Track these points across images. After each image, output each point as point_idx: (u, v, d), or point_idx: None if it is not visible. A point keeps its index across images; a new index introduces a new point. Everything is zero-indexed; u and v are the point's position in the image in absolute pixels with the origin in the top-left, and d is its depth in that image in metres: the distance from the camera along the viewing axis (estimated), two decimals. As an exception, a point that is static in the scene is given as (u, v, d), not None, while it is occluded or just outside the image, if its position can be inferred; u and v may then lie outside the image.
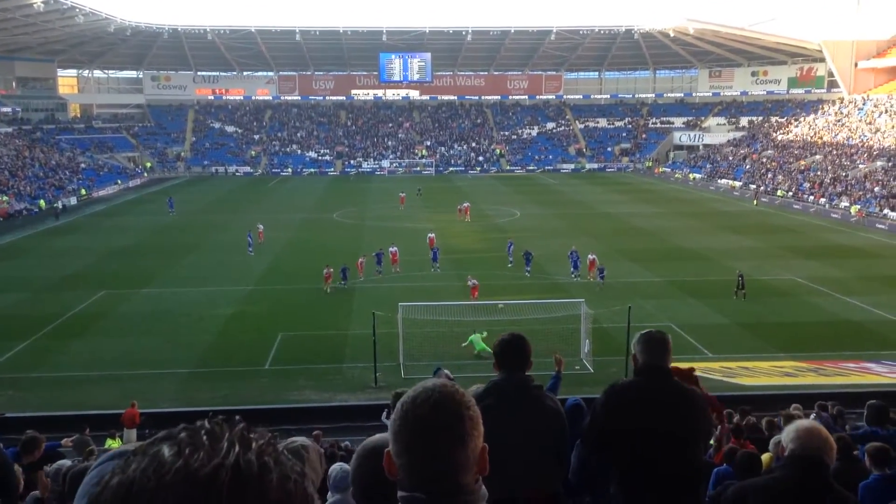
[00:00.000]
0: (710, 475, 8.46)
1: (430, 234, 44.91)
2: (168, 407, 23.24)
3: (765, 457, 8.51)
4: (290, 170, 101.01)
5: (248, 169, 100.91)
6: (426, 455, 1.74)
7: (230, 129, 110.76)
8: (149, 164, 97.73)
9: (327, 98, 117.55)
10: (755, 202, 69.94)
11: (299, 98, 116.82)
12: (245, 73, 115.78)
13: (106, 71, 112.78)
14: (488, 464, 1.82)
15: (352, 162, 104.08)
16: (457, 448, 1.74)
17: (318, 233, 53.24)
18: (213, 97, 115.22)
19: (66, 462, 6.37)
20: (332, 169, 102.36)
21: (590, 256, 38.39)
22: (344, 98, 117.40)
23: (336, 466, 4.14)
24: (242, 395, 24.21)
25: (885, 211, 58.20)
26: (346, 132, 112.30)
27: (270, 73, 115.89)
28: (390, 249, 40.55)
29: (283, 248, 47.38)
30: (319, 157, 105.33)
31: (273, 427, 21.19)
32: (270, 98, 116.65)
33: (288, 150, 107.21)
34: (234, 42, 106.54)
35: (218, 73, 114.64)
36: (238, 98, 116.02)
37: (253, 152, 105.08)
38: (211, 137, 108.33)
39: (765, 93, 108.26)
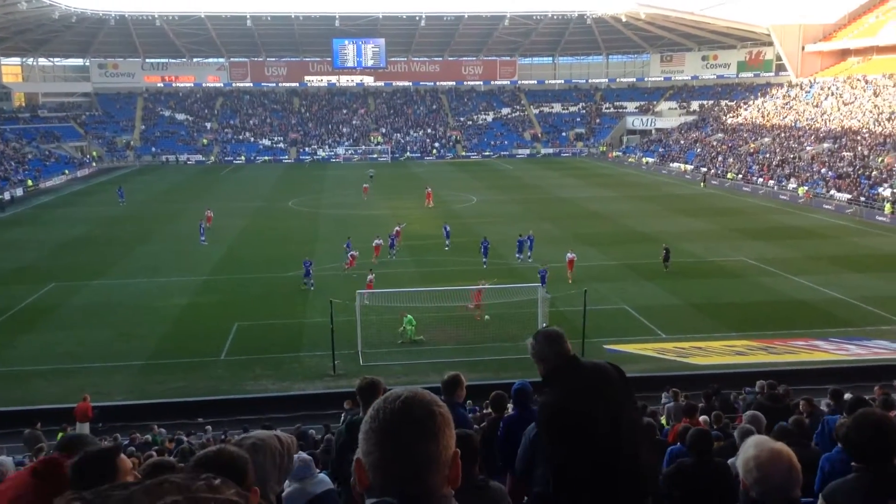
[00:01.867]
0: (665, 454, 8.63)
1: (397, 227, 43.05)
2: (122, 400, 22.94)
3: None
4: (242, 158, 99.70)
5: (199, 157, 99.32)
6: (396, 450, 1.70)
7: (181, 116, 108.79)
8: (95, 154, 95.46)
9: (280, 85, 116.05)
10: (703, 184, 71.55)
11: (251, 85, 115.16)
12: (195, 60, 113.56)
13: (51, 59, 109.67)
14: (461, 473, 1.78)
15: (306, 149, 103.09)
16: (427, 443, 1.71)
17: (274, 221, 52.70)
18: (162, 84, 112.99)
19: (7, 459, 6.18)
20: (287, 157, 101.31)
21: (569, 255, 35.45)
22: (297, 85, 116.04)
23: (295, 456, 4.12)
24: (198, 387, 23.97)
25: (832, 192, 59.65)
26: (300, 119, 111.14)
27: (221, 60, 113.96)
28: (374, 242, 39.38)
29: (238, 237, 46.82)
30: (273, 145, 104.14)
31: (230, 417, 21.13)
32: (221, 85, 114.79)
33: (241, 137, 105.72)
34: (183, 28, 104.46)
35: (167, 60, 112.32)
36: (188, 85, 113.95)
37: (205, 140, 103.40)
38: (161, 125, 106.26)
39: (715, 77, 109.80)
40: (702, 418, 12.47)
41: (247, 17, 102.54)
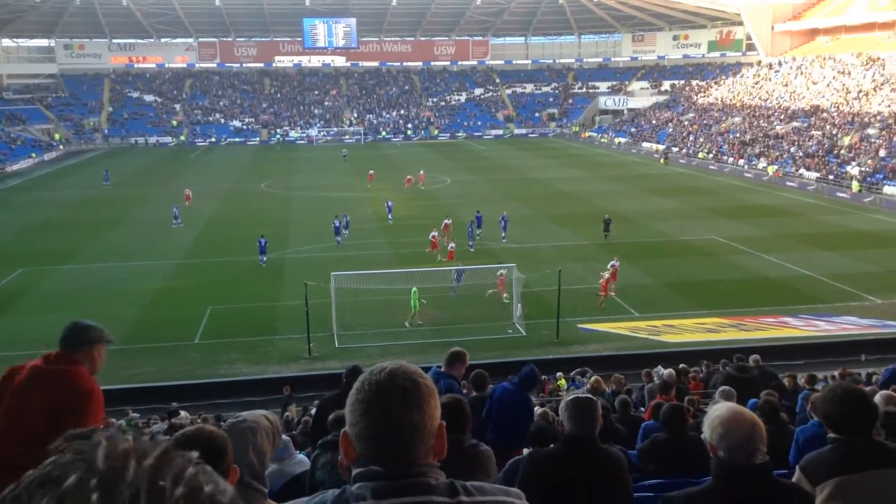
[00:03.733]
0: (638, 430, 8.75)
1: (445, 221, 39.26)
2: (95, 385, 22.69)
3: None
4: (213, 139, 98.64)
5: (168, 139, 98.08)
6: (382, 420, 1.73)
7: (149, 98, 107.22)
8: (59, 136, 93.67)
9: (249, 65, 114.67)
10: (662, 161, 73.31)
11: (220, 65, 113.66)
12: (163, 40, 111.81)
13: (16, 39, 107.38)
14: (446, 445, 1.81)
15: (277, 131, 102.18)
16: (412, 412, 1.74)
17: (246, 203, 52.27)
18: (129, 65, 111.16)
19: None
20: (258, 138, 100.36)
21: (613, 264, 30.49)
22: (267, 65, 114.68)
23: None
24: (172, 371, 23.84)
25: (801, 170, 60.38)
26: (271, 100, 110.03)
27: (189, 40, 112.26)
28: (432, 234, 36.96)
29: (210, 220, 46.41)
30: (244, 127, 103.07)
31: (205, 402, 21.03)
32: (190, 66, 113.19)
33: (210, 119, 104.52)
34: (150, 7, 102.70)
35: (134, 41, 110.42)
36: (156, 66, 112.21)
37: (174, 122, 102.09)
38: (129, 107, 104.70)
39: (686, 57, 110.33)
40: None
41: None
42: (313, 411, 13.49)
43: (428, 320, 27.69)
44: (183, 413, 16.82)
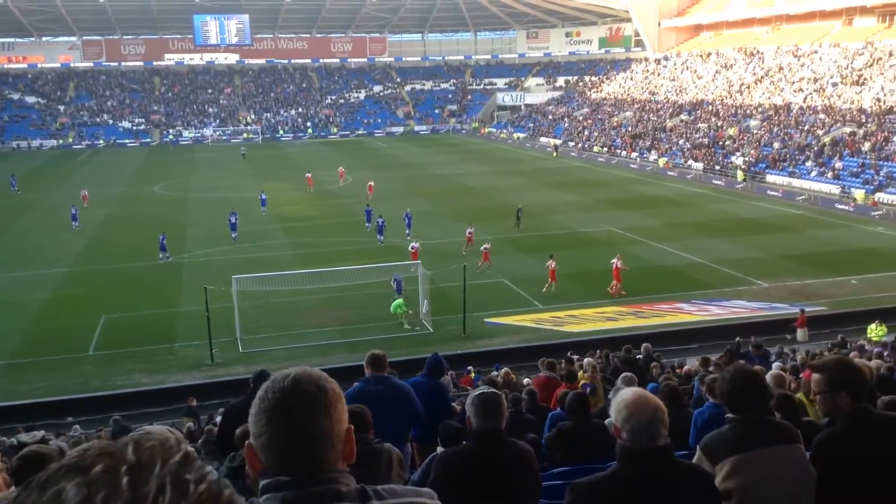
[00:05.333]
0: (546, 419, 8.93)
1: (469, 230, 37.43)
2: (-19, 404, 21.50)
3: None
4: (101, 141, 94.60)
5: (54, 142, 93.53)
6: (289, 427, 1.68)
7: (31, 99, 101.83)
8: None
9: (137, 64, 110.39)
10: (555, 154, 76.21)
11: (99, 64, 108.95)
12: (44, 39, 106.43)
13: None
14: (355, 451, 1.78)
15: (170, 131, 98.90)
16: (320, 417, 1.69)
17: (139, 207, 50.40)
18: (8, 66, 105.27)
19: None
20: (150, 139, 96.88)
21: (616, 263, 30.18)
22: (149, 64, 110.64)
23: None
24: (65, 385, 22.80)
25: (689, 162, 62.90)
26: (162, 100, 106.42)
27: (73, 38, 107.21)
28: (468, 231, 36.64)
29: (101, 225, 44.55)
30: (134, 127, 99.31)
31: (102, 415, 20.20)
32: (74, 65, 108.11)
33: (98, 120, 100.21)
34: (29, 5, 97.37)
35: (13, 40, 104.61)
36: (38, 66, 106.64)
37: (59, 124, 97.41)
38: (9, 110, 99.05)
39: (579, 53, 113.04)
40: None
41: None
42: (218, 419, 13.17)
43: (332, 320, 27.46)
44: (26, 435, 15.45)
